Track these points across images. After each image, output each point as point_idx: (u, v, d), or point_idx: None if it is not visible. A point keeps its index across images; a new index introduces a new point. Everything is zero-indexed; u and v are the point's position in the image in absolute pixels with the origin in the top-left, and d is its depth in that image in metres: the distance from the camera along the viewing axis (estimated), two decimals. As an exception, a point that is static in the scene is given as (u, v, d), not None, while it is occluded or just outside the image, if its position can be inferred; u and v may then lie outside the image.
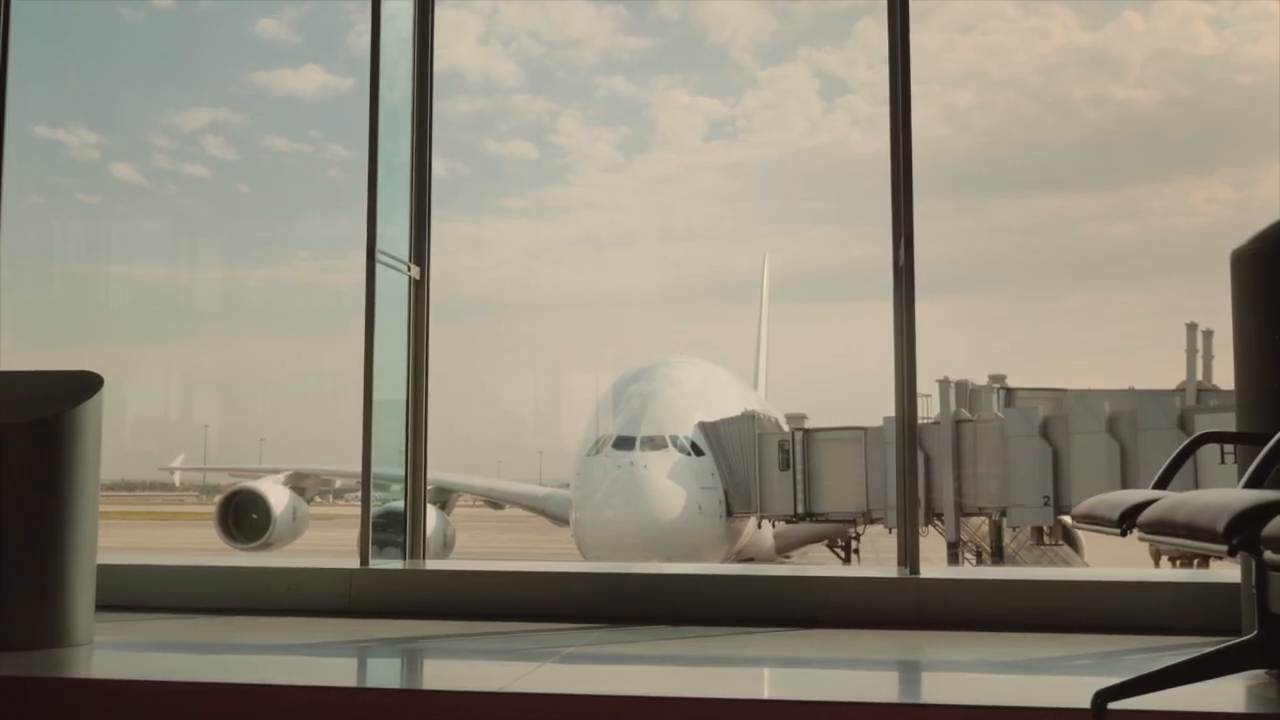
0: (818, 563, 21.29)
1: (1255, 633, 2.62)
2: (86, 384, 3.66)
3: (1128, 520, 2.39)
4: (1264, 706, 2.82)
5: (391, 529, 5.36)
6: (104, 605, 3.72)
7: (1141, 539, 2.40)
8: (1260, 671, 2.97)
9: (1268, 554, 1.75)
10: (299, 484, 20.62)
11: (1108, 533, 2.53)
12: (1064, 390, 18.60)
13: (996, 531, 18.05)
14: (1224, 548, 1.91)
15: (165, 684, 3.03)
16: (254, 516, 18.73)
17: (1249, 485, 2.41)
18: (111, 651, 3.56)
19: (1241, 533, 1.88)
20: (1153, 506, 2.28)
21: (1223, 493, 2.13)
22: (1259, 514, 1.84)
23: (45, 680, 3.09)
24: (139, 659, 3.59)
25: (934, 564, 9.28)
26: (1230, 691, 2.85)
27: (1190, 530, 2.06)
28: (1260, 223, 3.31)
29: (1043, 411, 17.38)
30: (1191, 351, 18.19)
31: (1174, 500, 2.23)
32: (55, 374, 3.73)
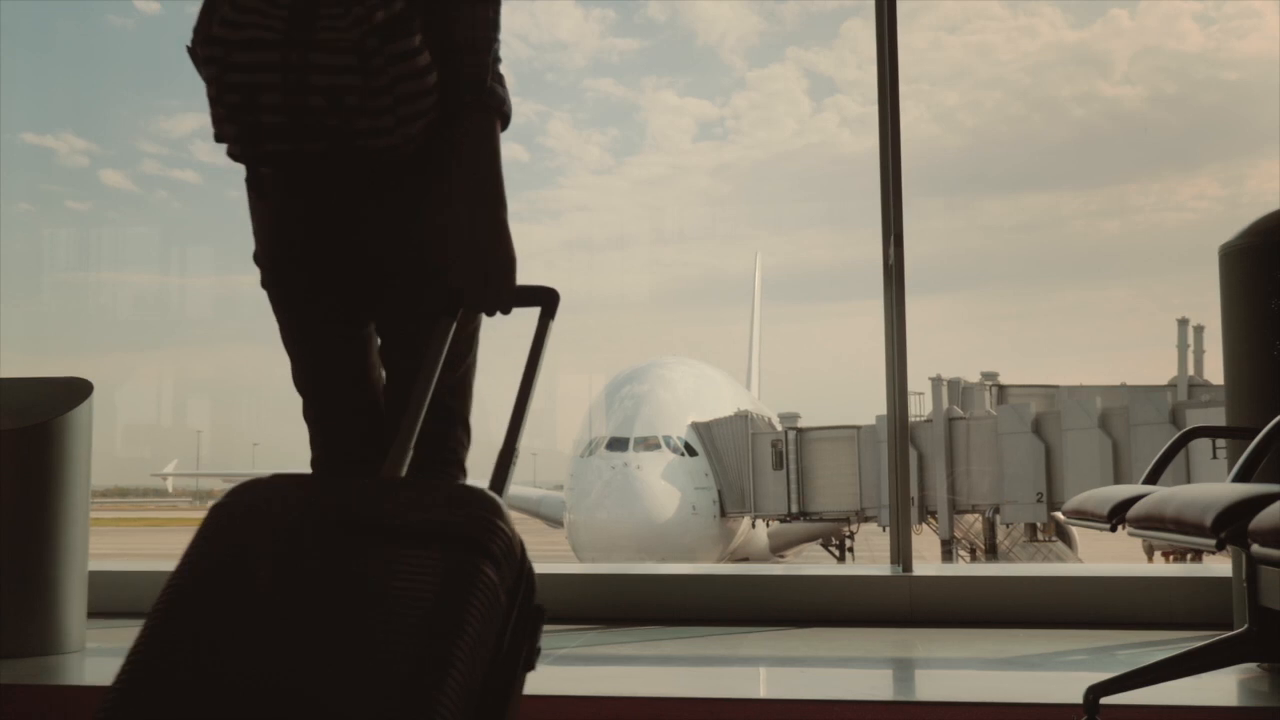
0: (812, 562, 21.30)
1: (1247, 626, 2.62)
2: (76, 390, 3.65)
3: (1117, 515, 2.40)
4: (1256, 700, 2.83)
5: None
6: (96, 612, 3.71)
7: (1131, 534, 2.41)
8: (1252, 665, 2.99)
9: (1256, 547, 1.75)
10: (292, 489, 20.58)
11: (1097, 528, 2.53)
12: (1056, 387, 18.66)
13: (990, 529, 18.08)
14: (1212, 541, 1.91)
15: (158, 690, 3.02)
16: (247, 522, 18.70)
17: (1238, 479, 2.42)
18: (104, 658, 3.55)
19: (1229, 526, 1.88)
20: (1142, 501, 2.29)
21: (1211, 487, 2.14)
22: (1246, 507, 1.85)
23: (37, 688, 3.08)
24: (132, 665, 3.58)
25: (928, 561, 9.31)
26: (1222, 685, 2.87)
27: (1179, 524, 2.06)
28: (1248, 218, 3.32)
29: (1035, 408, 17.44)
30: (1183, 347, 18.27)
31: (1163, 495, 2.23)
32: (44, 380, 3.72)
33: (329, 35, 1.70)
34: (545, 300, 1.77)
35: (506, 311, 1.80)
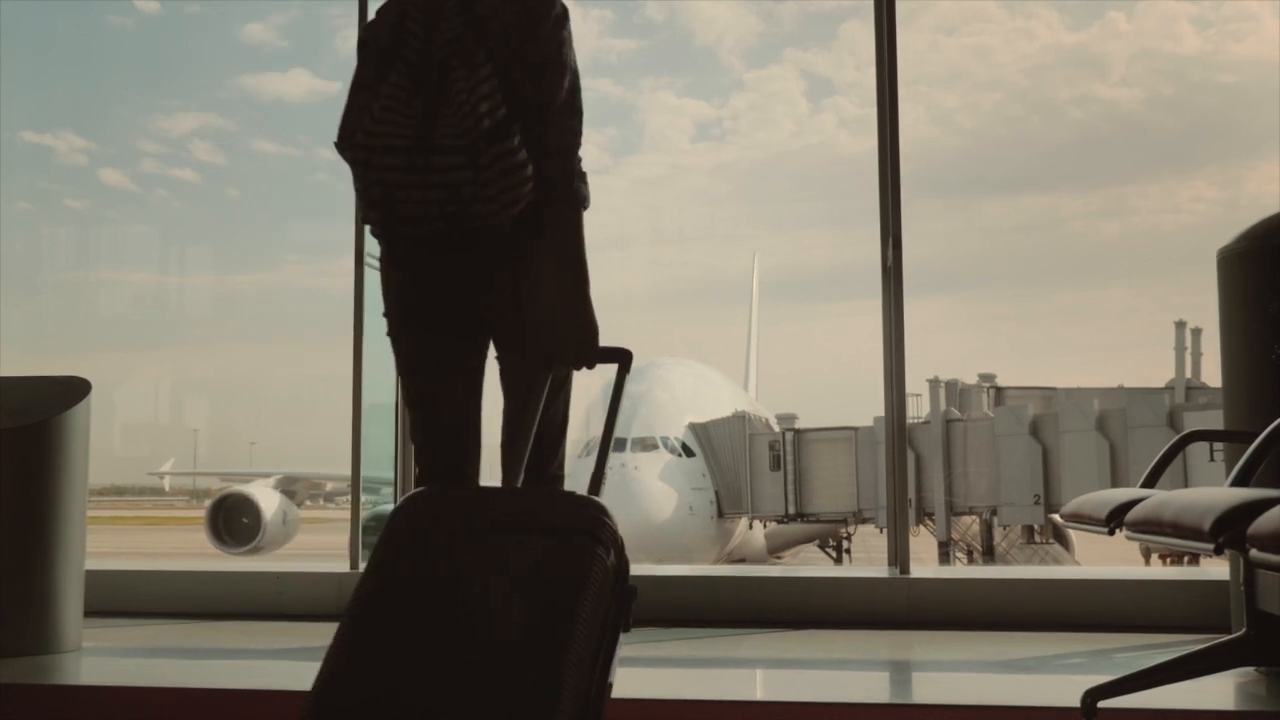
0: (809, 563, 21.30)
1: (1245, 630, 2.62)
2: (74, 389, 3.65)
3: (1115, 519, 2.40)
4: (1254, 704, 2.83)
5: (381, 533, 5.34)
6: (92, 611, 3.71)
7: (1130, 538, 2.41)
8: (1250, 669, 2.98)
9: (1254, 552, 1.75)
10: (290, 488, 20.57)
11: (1095, 532, 2.53)
12: (1053, 389, 18.65)
13: (987, 531, 18.08)
14: (1210, 546, 1.91)
15: (154, 690, 3.02)
16: (244, 520, 18.68)
17: (1236, 483, 2.42)
18: (100, 657, 3.55)
19: (1227, 531, 1.88)
20: (1140, 505, 2.29)
21: (1209, 491, 2.14)
22: (1244, 512, 1.85)
23: (33, 687, 3.07)
24: (127, 665, 3.58)
25: (925, 563, 9.27)
26: (1220, 689, 2.86)
27: (1177, 529, 2.06)
28: (1246, 220, 3.32)
29: (1032, 410, 17.44)
30: (1180, 349, 18.26)
31: (1161, 499, 2.23)
32: (42, 379, 3.72)
33: (447, 141, 2.17)
34: (622, 358, 2.22)
35: (591, 367, 2.27)
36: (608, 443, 2.11)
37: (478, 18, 2.26)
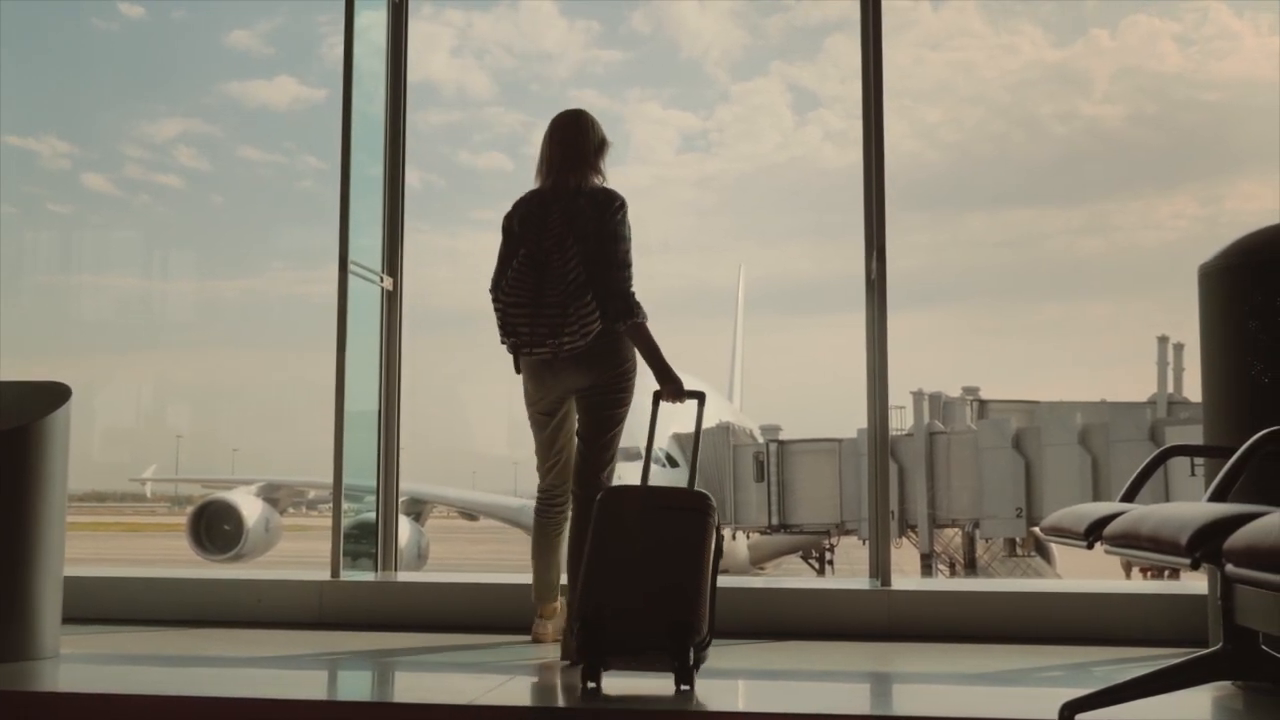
0: (792, 574, 21.27)
1: (1222, 644, 2.63)
2: (54, 394, 3.63)
3: (1094, 533, 2.41)
4: (1230, 718, 2.84)
5: (364, 540, 5.32)
6: (71, 618, 3.68)
7: (1108, 552, 2.42)
8: (1227, 683, 2.99)
9: (1229, 567, 1.76)
10: (272, 495, 20.46)
11: (1074, 545, 2.54)
12: (1036, 402, 18.70)
13: (969, 543, 18.10)
14: (1187, 561, 1.92)
15: (132, 697, 3.00)
16: (226, 528, 18.57)
17: (1214, 498, 2.43)
18: (78, 665, 3.53)
19: (1204, 546, 1.89)
20: (1118, 520, 2.30)
21: (1186, 506, 2.15)
22: (1221, 527, 1.86)
23: (9, 694, 3.05)
24: (105, 672, 3.56)
25: (907, 575, 9.27)
26: (1197, 703, 2.87)
27: (1155, 543, 2.07)
28: (1227, 237, 3.34)
29: (1015, 423, 17.47)
30: (1162, 364, 18.36)
31: (1139, 514, 2.24)
32: (22, 384, 3.70)
33: (551, 298, 3.54)
34: (700, 396, 3.71)
35: (681, 402, 3.75)
36: (695, 465, 3.57)
37: (570, 217, 3.60)
